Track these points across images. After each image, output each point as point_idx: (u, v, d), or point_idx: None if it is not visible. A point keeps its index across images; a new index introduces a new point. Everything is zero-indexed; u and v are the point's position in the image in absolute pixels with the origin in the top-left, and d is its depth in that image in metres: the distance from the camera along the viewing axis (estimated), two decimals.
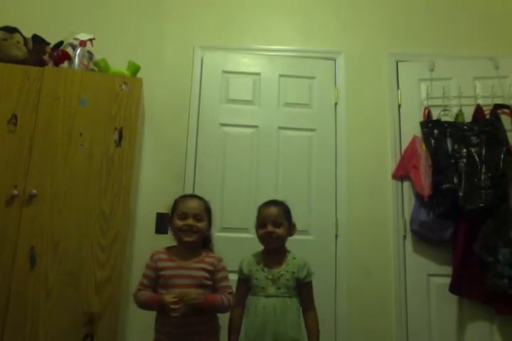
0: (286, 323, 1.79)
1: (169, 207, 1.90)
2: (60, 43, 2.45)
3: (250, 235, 2.43)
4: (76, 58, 2.36)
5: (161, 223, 2.54)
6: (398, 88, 2.81)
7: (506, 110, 2.62)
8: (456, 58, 2.81)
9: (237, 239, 2.50)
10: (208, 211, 1.89)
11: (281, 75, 2.83)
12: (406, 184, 2.64)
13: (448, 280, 2.41)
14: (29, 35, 2.37)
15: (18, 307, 2.01)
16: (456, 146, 2.53)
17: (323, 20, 2.94)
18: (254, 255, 1.95)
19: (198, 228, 1.81)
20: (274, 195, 2.41)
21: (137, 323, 2.41)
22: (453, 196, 2.42)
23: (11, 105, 2.19)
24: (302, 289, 1.88)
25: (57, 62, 2.41)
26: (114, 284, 2.08)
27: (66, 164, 2.17)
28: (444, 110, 2.69)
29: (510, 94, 2.67)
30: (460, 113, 2.65)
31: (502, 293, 2.27)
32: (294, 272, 1.86)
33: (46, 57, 2.38)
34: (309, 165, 2.70)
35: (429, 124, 2.62)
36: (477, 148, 2.49)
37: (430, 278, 2.52)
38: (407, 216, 2.59)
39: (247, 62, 2.84)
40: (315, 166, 2.70)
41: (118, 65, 2.42)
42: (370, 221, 2.64)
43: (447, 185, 2.45)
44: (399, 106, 2.78)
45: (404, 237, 2.59)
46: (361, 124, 2.78)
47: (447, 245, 2.49)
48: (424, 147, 2.59)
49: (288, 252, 1.94)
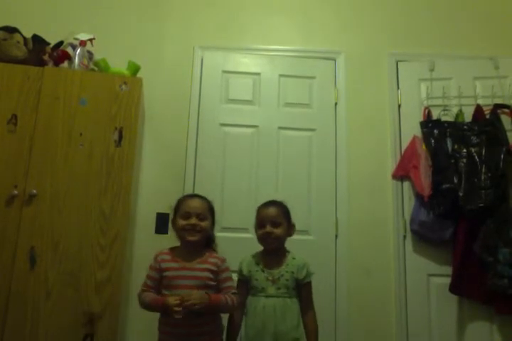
0: (286, 323, 1.79)
1: (172, 207, 1.90)
2: (60, 43, 2.45)
3: (250, 235, 2.43)
4: (76, 58, 2.36)
5: (161, 223, 2.54)
6: (398, 88, 2.81)
7: (506, 110, 2.62)
8: (456, 58, 2.81)
9: (237, 239, 2.50)
10: (211, 210, 1.89)
11: (281, 75, 2.83)
12: (406, 184, 2.64)
13: (448, 280, 2.41)
14: (29, 35, 2.37)
15: (18, 307, 2.01)
16: (456, 146, 2.53)
17: (323, 20, 2.94)
18: (253, 255, 1.95)
19: (202, 227, 1.81)
20: (274, 195, 2.41)
21: (137, 323, 2.41)
22: (453, 196, 2.42)
23: (11, 105, 2.19)
24: (301, 289, 1.88)
25: (57, 62, 2.41)
26: (114, 284, 2.08)
27: (66, 164, 2.17)
28: (444, 110, 2.69)
29: (510, 94, 2.67)
30: (460, 113, 2.65)
31: (502, 293, 2.27)
32: (294, 272, 1.86)
33: (46, 57, 2.38)
34: (309, 165, 2.70)
35: (429, 124, 2.62)
36: (477, 148, 2.49)
37: (430, 278, 2.52)
38: (407, 216, 2.59)
39: (247, 62, 2.84)
40: (315, 166, 2.70)
41: (118, 65, 2.42)
42: (370, 221, 2.64)
43: (447, 185, 2.45)
44: (399, 106, 2.78)
45: (404, 237, 2.59)
46: (361, 124, 2.78)
47: (447, 245, 2.49)
48: (424, 147, 2.59)
49: (288, 252, 1.94)
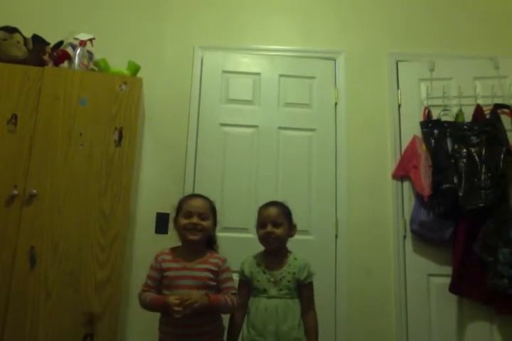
0: (288, 323, 1.79)
1: (174, 207, 1.90)
2: (60, 43, 2.44)
3: (250, 235, 2.44)
4: (76, 58, 2.36)
5: (161, 223, 2.54)
6: (398, 88, 2.81)
7: (506, 110, 2.62)
8: (456, 58, 2.81)
9: (237, 239, 2.50)
10: (213, 211, 1.89)
11: (281, 75, 2.83)
12: (406, 184, 2.64)
13: (448, 280, 2.41)
14: (29, 35, 2.37)
15: (18, 307, 2.01)
16: (456, 146, 2.53)
17: (323, 20, 2.94)
18: (254, 256, 1.94)
19: (203, 226, 1.81)
20: (274, 195, 2.42)
21: (137, 323, 2.41)
22: (453, 196, 2.42)
23: (11, 105, 2.19)
24: (303, 290, 1.88)
25: (57, 62, 2.41)
26: (114, 284, 2.08)
27: (66, 164, 2.17)
28: (444, 110, 2.69)
29: (510, 94, 2.67)
30: (460, 113, 2.65)
31: (502, 293, 2.27)
32: (295, 273, 1.86)
33: (46, 57, 2.38)
34: (309, 165, 2.70)
35: (429, 124, 2.62)
36: (477, 148, 2.49)
37: (430, 278, 2.52)
38: (407, 216, 2.59)
39: (247, 62, 2.84)
40: (315, 166, 2.70)
41: (118, 65, 2.42)
42: (370, 221, 2.63)
43: (447, 185, 2.44)
44: (399, 106, 2.78)
45: (404, 237, 2.59)
46: (361, 124, 2.78)
47: (447, 245, 2.49)
48: (424, 147, 2.59)
49: (289, 253, 1.94)
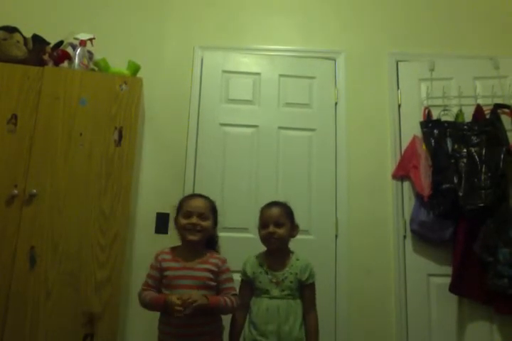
0: (289, 323, 1.79)
1: (175, 207, 1.90)
2: (60, 43, 2.45)
3: (250, 235, 2.44)
4: (76, 58, 2.36)
5: (161, 223, 2.54)
6: (398, 88, 2.81)
7: (506, 110, 2.62)
8: (456, 58, 2.81)
9: (237, 239, 2.49)
10: (214, 211, 1.89)
11: (281, 75, 2.83)
12: (406, 184, 2.64)
13: (448, 280, 2.41)
14: (29, 35, 2.37)
15: (18, 307, 2.01)
16: (456, 146, 2.53)
17: (323, 20, 2.94)
18: (256, 256, 1.94)
19: (202, 227, 1.80)
20: (274, 195, 2.42)
21: (137, 323, 2.41)
22: (453, 196, 2.42)
23: (11, 105, 2.19)
24: (304, 290, 1.87)
25: (57, 61, 2.40)
26: (114, 284, 2.08)
27: (66, 164, 2.17)
28: (444, 110, 2.69)
29: (510, 94, 2.67)
30: (460, 113, 2.65)
31: (502, 293, 2.27)
32: (297, 274, 1.86)
33: (46, 56, 2.38)
34: (309, 165, 2.70)
35: (429, 124, 2.62)
36: (477, 148, 2.49)
37: (430, 278, 2.51)
38: (407, 216, 2.59)
39: (247, 62, 2.84)
40: (315, 166, 2.70)
41: (118, 65, 2.42)
42: (370, 221, 2.63)
43: (447, 185, 2.44)
44: (399, 106, 2.78)
45: (404, 237, 2.59)
46: (361, 124, 2.78)
47: (447, 245, 2.49)
48: (424, 147, 2.59)
49: (292, 253, 1.93)
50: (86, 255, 2.09)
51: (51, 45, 2.42)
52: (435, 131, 2.58)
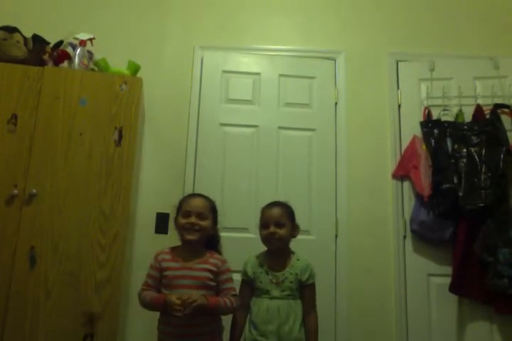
0: (289, 323, 1.79)
1: (175, 206, 1.90)
2: (60, 43, 2.45)
3: (250, 235, 2.45)
4: (76, 58, 2.36)
5: (161, 223, 2.54)
6: (398, 88, 2.81)
7: (506, 110, 2.62)
8: (456, 58, 2.81)
9: (237, 239, 2.49)
10: (213, 210, 1.88)
11: (281, 75, 2.83)
12: (406, 184, 2.64)
13: (448, 280, 2.41)
14: (29, 35, 2.37)
15: (18, 307, 2.01)
16: (456, 146, 2.53)
17: (323, 20, 2.94)
18: (257, 256, 1.94)
19: (201, 226, 1.80)
20: (274, 195, 2.42)
21: (137, 323, 2.41)
22: (453, 196, 2.42)
23: (11, 105, 2.19)
24: (305, 291, 1.87)
25: (57, 61, 2.41)
26: (114, 284, 2.08)
27: (66, 164, 2.17)
28: (444, 110, 2.69)
29: (510, 94, 2.67)
30: (460, 113, 2.65)
31: (502, 293, 2.27)
32: (297, 274, 1.86)
33: (46, 56, 2.38)
34: (309, 165, 2.70)
35: (429, 124, 2.62)
36: (477, 148, 2.49)
37: (430, 278, 2.51)
38: (407, 216, 2.59)
39: (247, 62, 2.84)
40: (315, 166, 2.70)
41: (118, 65, 2.42)
42: (370, 221, 2.63)
43: (447, 185, 2.44)
44: (399, 106, 2.78)
45: (404, 237, 2.58)
46: (361, 124, 2.78)
47: (447, 245, 2.49)
48: (424, 147, 2.59)
49: (292, 253, 1.93)
50: (86, 255, 2.09)
51: (51, 45, 2.42)
52: (435, 131, 2.58)
